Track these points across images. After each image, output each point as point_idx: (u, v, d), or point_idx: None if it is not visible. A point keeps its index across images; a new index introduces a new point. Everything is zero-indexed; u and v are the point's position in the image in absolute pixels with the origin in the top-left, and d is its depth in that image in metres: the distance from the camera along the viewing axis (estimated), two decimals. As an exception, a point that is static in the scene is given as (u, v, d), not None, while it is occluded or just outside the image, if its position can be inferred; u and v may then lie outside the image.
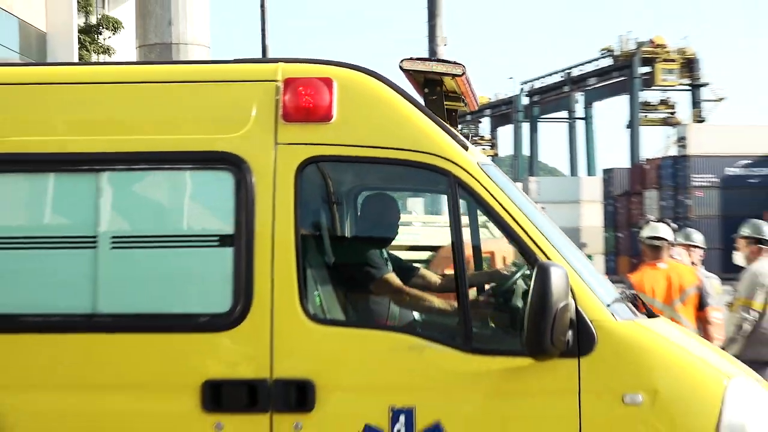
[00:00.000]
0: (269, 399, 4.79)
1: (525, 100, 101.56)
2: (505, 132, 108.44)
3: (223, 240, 5.02)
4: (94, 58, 31.83)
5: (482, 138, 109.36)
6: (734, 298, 9.57)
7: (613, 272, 54.57)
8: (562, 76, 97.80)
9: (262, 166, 4.95)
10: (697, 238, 10.71)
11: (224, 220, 5.00)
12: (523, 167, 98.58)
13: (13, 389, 4.90)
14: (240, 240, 4.91)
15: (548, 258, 4.78)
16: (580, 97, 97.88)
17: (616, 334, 4.84)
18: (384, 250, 5.86)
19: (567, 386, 4.79)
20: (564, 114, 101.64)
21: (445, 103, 5.61)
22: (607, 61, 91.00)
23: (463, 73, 5.37)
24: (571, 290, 4.70)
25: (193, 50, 23.06)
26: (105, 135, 5.11)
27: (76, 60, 26.88)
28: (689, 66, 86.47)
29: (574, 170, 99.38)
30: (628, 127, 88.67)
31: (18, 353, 4.95)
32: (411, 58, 5.36)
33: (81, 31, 31.05)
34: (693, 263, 10.25)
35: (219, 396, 4.81)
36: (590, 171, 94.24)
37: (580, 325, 4.73)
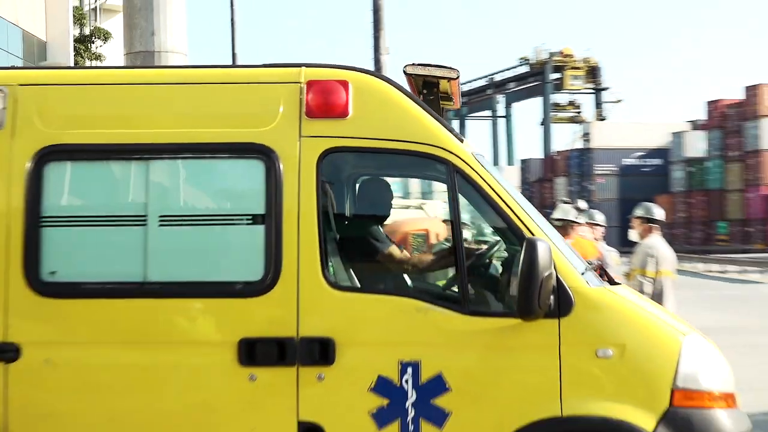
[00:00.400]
0: (296, 354, 4.75)
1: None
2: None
3: (256, 218, 4.95)
4: (87, 63, 31.44)
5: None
6: (630, 268, 9.81)
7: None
8: (486, 81, 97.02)
9: (289, 156, 4.89)
10: (599, 218, 10.94)
11: (256, 202, 4.93)
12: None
13: (73, 345, 4.86)
14: (270, 218, 4.85)
15: (532, 234, 4.77)
16: (501, 98, 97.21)
17: (590, 298, 4.84)
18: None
19: (549, 342, 4.79)
20: (488, 113, 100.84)
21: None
22: (524, 69, 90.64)
23: (457, 77, 5.35)
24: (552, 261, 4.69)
25: (172, 57, 23.05)
26: (155, 128, 5.04)
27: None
28: (593, 73, 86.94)
29: (496, 161, 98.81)
30: (541, 125, 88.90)
31: (79, 315, 4.89)
32: (413, 64, 5.32)
33: (76, 40, 30.69)
34: (595, 239, 10.46)
35: (253, 352, 4.76)
36: (510, 161, 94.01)
37: (560, 290, 4.73)
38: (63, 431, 4.84)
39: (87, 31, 33.30)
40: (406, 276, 5.54)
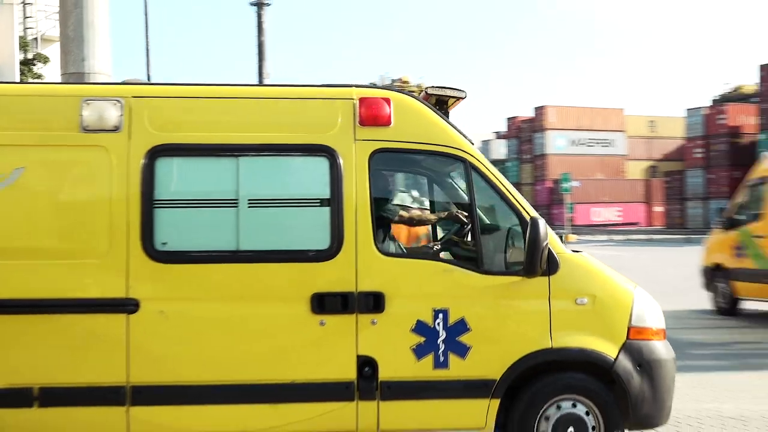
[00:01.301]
0: (355, 304, 4.71)
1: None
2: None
3: (323, 202, 4.86)
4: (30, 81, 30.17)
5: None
6: None
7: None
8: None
9: (347, 154, 4.82)
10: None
11: (323, 189, 4.85)
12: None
13: (181, 300, 4.73)
14: (334, 202, 4.78)
15: (529, 214, 4.84)
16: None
17: (570, 261, 4.94)
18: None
19: (542, 294, 4.86)
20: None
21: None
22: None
23: (465, 97, 5.38)
24: None
25: (99, 77, 23.26)
26: (242, 132, 4.90)
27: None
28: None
29: None
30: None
31: (186, 276, 4.75)
32: (433, 86, 5.31)
33: (21, 63, 29.16)
34: None
35: (323, 303, 4.70)
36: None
37: (550, 256, 4.81)
38: (171, 369, 4.67)
39: (30, 55, 31.69)
40: (454, 240, 5.45)
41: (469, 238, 5.22)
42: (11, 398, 4.52)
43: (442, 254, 5.26)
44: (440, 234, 6.03)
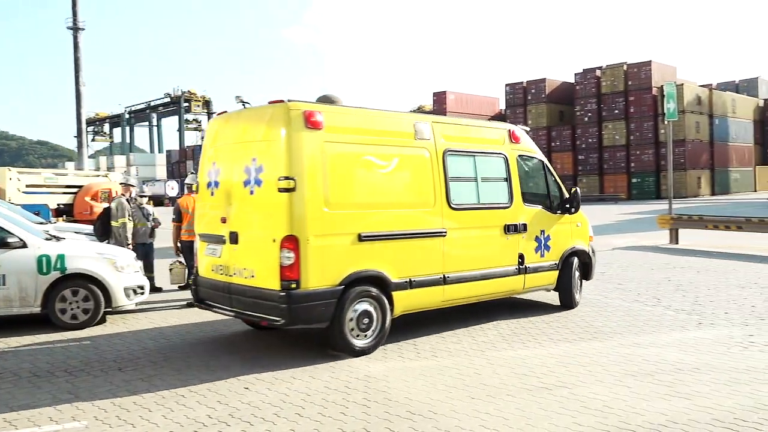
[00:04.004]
0: (518, 229, 6.81)
1: (127, 116, 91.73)
2: (117, 131, 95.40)
3: (505, 180, 6.81)
4: None
5: (104, 133, 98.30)
6: None
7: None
8: (145, 105, 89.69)
9: (510, 157, 6.94)
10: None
11: (505, 174, 6.82)
12: (126, 148, 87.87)
13: (460, 229, 6.22)
14: (507, 180, 6.85)
15: (567, 188, 7.52)
16: (154, 115, 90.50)
17: (579, 209, 7.68)
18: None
19: (569, 221, 7.41)
20: (146, 123, 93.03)
21: None
22: (167, 99, 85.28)
23: (529, 131, 7.66)
24: None
25: None
26: (473, 143, 6.62)
27: None
28: (207, 104, 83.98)
29: (152, 150, 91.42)
30: (177, 131, 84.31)
31: (460, 217, 6.27)
32: (519, 124, 7.48)
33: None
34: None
35: (508, 229, 6.71)
36: (160, 150, 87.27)
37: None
38: (459, 264, 6.20)
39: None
40: (540, 198, 7.28)
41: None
42: (402, 285, 5.79)
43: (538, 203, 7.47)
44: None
